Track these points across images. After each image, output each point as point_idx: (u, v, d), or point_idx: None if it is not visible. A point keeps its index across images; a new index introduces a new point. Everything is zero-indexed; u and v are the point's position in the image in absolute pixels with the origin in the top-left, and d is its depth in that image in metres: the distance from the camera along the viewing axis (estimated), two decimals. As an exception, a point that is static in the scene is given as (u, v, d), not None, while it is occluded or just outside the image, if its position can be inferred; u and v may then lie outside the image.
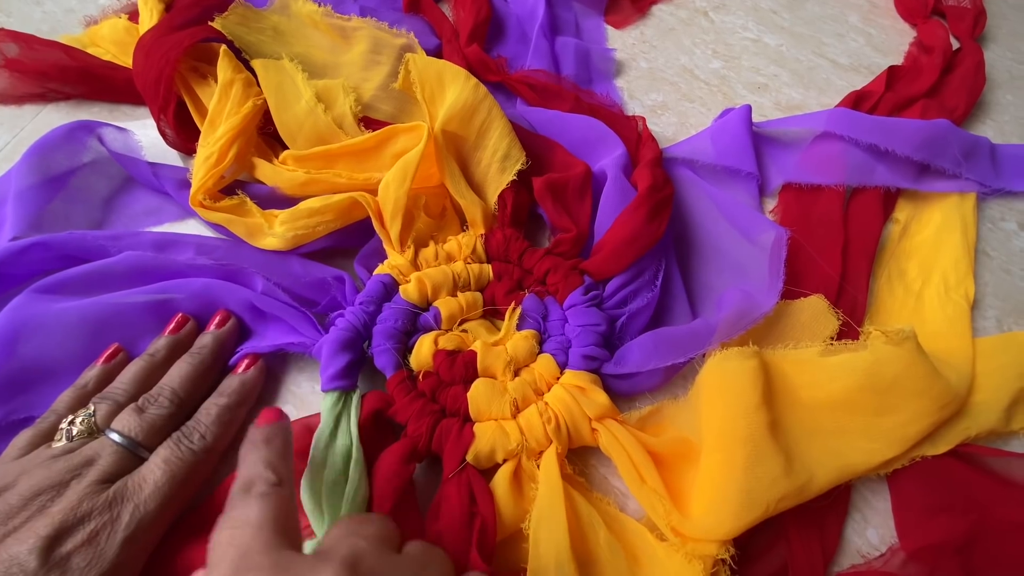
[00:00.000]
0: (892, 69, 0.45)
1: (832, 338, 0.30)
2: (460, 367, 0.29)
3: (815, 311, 0.30)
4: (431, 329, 0.31)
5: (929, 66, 0.45)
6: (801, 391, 0.27)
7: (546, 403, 0.29)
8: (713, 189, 0.37)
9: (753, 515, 0.24)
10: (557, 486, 0.26)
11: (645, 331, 0.31)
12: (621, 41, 0.48)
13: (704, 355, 0.29)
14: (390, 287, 0.32)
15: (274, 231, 0.33)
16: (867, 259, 0.35)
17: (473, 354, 0.30)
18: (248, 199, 0.34)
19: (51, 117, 0.40)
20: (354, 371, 0.29)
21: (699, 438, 0.26)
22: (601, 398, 0.28)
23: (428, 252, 0.33)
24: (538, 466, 0.27)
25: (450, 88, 0.34)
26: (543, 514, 0.25)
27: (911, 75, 0.45)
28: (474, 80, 0.34)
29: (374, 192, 0.33)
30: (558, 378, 0.30)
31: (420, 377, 0.30)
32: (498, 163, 0.34)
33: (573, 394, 0.28)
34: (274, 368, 0.32)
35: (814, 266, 0.33)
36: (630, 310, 0.31)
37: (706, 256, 0.35)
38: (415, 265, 0.32)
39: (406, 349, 0.31)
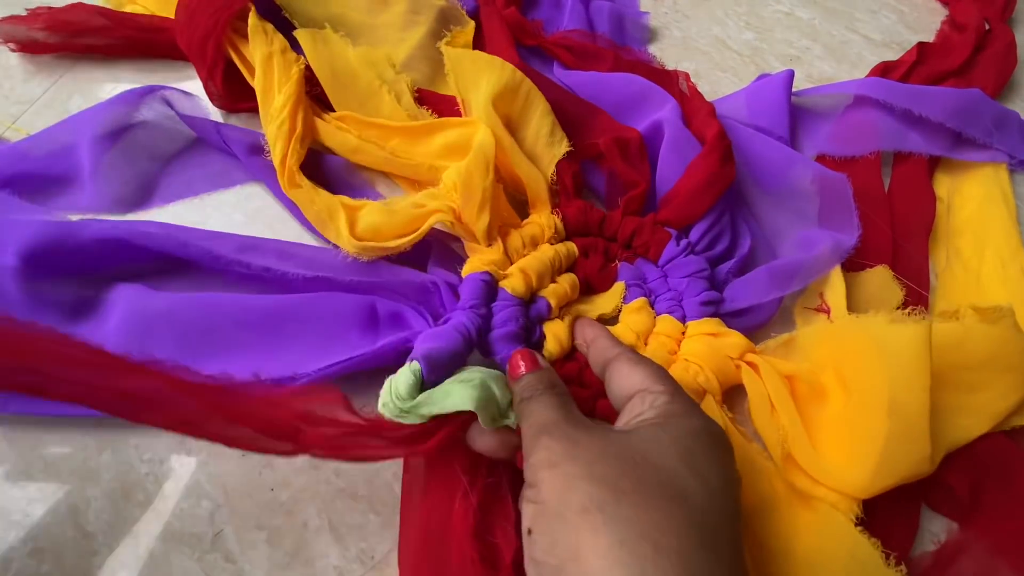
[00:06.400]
0: (922, 45, 0.45)
1: (897, 307, 0.30)
2: None
3: (882, 282, 0.31)
4: (543, 320, 0.30)
5: (961, 44, 0.45)
6: None
7: (685, 359, 0.29)
8: (758, 134, 0.37)
9: (885, 483, 0.25)
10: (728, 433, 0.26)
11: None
12: (654, 9, 0.48)
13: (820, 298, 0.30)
14: (491, 285, 0.30)
15: (346, 237, 0.30)
16: (923, 238, 0.35)
17: None
18: (315, 188, 0.32)
19: (86, 66, 0.39)
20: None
21: (827, 380, 0.27)
22: (736, 338, 0.29)
23: (515, 241, 0.31)
24: None
25: (484, 76, 0.34)
26: None
27: (942, 52, 0.45)
28: (510, 66, 0.34)
29: (417, 177, 0.33)
30: (683, 333, 0.30)
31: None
32: (545, 139, 0.34)
33: (707, 342, 0.29)
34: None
35: (866, 235, 0.33)
36: (740, 254, 0.32)
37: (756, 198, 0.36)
38: (508, 257, 0.31)
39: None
